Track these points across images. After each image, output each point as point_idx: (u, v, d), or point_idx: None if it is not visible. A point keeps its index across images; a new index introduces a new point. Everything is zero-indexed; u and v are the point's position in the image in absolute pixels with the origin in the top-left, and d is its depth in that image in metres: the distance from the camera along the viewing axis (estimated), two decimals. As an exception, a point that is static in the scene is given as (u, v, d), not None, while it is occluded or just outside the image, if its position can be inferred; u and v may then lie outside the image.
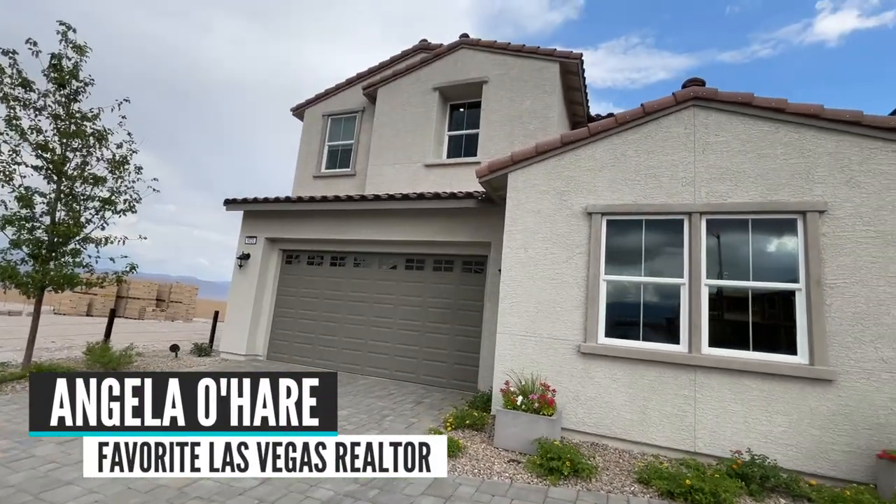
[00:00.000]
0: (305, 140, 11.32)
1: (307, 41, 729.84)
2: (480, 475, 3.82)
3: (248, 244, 9.44)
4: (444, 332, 7.87)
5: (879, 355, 4.07)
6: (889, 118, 4.35)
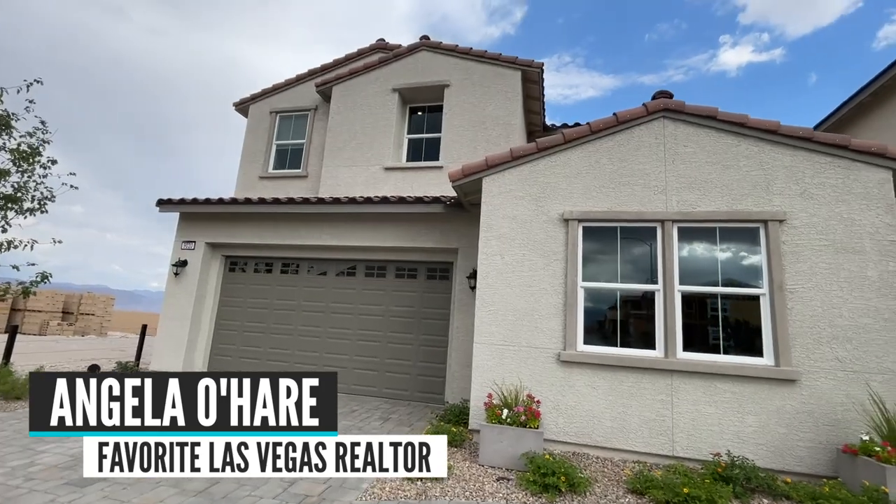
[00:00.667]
0: (250, 138, 10.49)
1: (235, 37, 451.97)
2: (472, 497, 3.56)
3: (185, 249, 8.49)
4: (408, 342, 7.53)
5: (835, 355, 4.37)
6: (836, 136, 4.74)
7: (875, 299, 4.37)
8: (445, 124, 8.82)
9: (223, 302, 8.62)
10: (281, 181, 10.01)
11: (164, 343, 8.15)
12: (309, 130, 10.13)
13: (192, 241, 8.50)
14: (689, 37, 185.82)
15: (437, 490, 3.66)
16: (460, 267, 7.10)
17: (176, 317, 8.21)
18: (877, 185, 4.58)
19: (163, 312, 8.33)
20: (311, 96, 10.29)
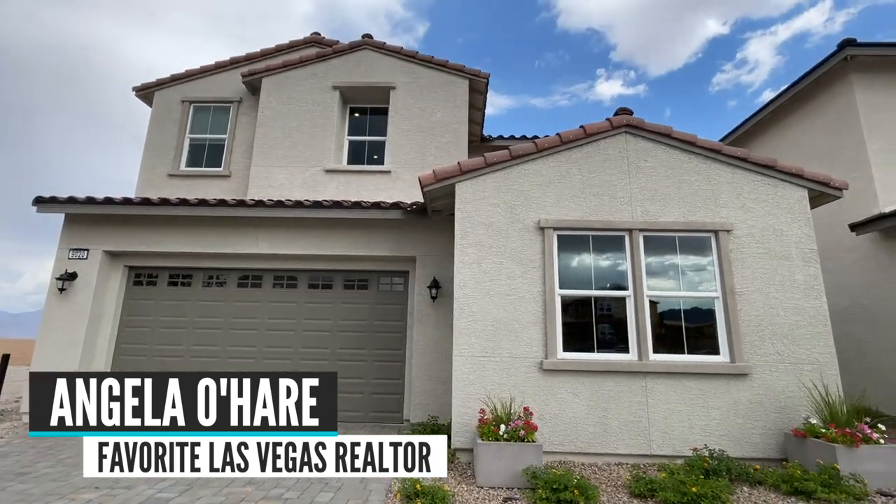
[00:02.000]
0: (156, 129, 9.03)
1: (95, 15, 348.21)
2: (491, 525, 3.31)
3: (74, 259, 6.92)
4: (360, 358, 6.97)
5: (776, 349, 4.95)
6: (765, 157, 5.45)
7: (802, 300, 5.07)
8: (392, 128, 8.47)
9: (126, 322, 7.17)
10: (197, 180, 8.74)
11: (44, 376, 6.49)
12: (232, 125, 9.02)
13: (85, 250, 6.96)
14: (571, 67, 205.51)
15: (449, 522, 3.33)
16: (419, 276, 6.78)
17: (61, 342, 6.61)
18: (797, 202, 5.35)
19: (41, 337, 6.66)
20: (233, 87, 9.19)
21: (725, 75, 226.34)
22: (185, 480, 4.16)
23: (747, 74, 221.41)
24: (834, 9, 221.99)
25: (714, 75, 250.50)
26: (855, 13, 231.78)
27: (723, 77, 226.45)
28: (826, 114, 8.55)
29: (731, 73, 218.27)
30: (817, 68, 8.30)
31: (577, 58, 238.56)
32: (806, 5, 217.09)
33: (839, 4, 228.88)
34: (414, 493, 3.68)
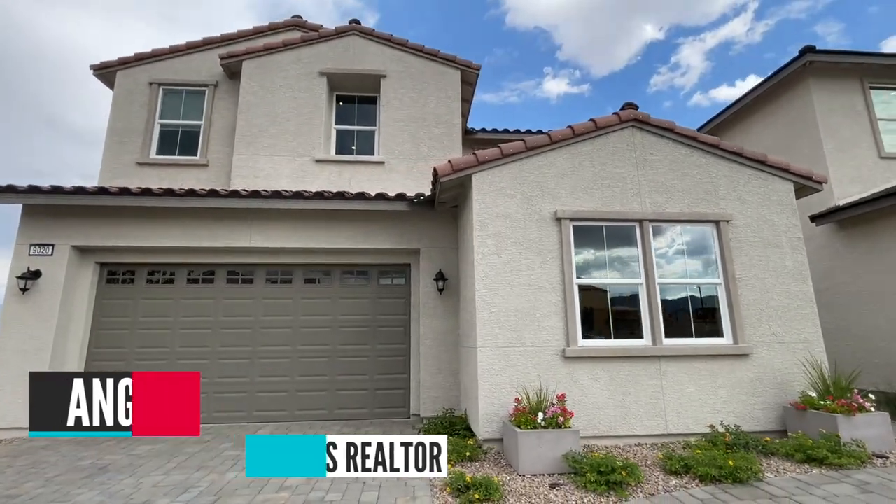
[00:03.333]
0: (121, 113, 8.24)
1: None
2: (551, 511, 3.35)
3: (36, 255, 6.19)
4: (363, 354, 6.78)
5: (772, 330, 5.36)
6: (756, 152, 5.84)
7: (792, 284, 5.51)
8: (384, 117, 8.25)
9: (100, 324, 6.53)
10: (170, 169, 8.09)
11: (6, 387, 5.79)
12: (208, 110, 8.41)
13: (49, 245, 6.25)
14: (519, 64, 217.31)
15: (509, 511, 3.33)
16: (424, 269, 6.69)
17: (25, 349, 5.92)
18: (785, 194, 5.79)
19: (0, 345, 5.91)
20: (208, 69, 8.57)
21: (661, 77, 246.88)
22: (209, 490, 3.88)
23: (680, 77, 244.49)
24: (755, 20, 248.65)
25: (651, 77, 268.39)
26: (772, 24, 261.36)
27: (659, 79, 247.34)
28: (786, 114, 9.28)
29: (666, 76, 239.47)
30: (780, 72, 8.98)
31: (526, 55, 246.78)
32: (731, 15, 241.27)
33: (759, 16, 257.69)
34: (464, 485, 3.65)
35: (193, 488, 3.93)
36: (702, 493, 3.58)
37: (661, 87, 53.24)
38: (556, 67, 57.03)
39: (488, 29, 56.78)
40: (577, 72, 57.38)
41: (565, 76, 58.18)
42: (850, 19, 46.62)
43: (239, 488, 3.92)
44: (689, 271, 5.55)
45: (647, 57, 53.16)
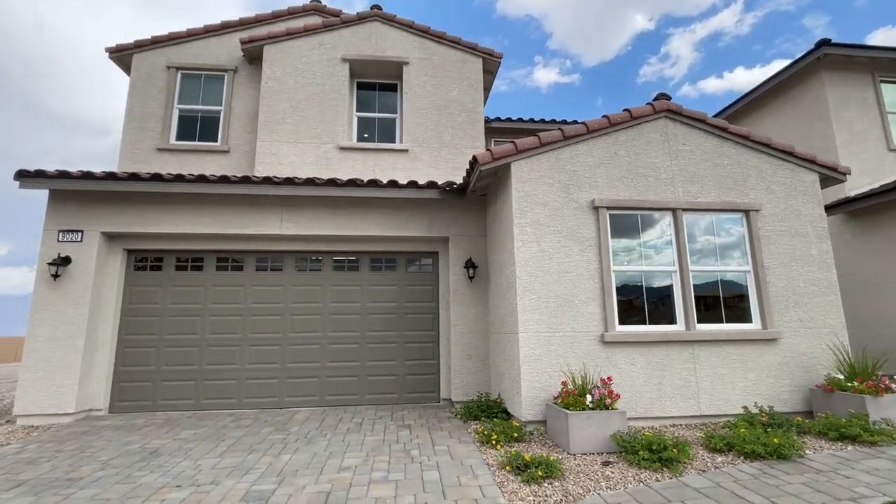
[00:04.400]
0: (137, 97, 8.11)
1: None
2: (615, 487, 3.49)
3: (65, 242, 6.13)
4: (392, 340, 6.87)
5: (798, 316, 5.56)
6: (784, 143, 5.99)
7: (817, 272, 5.70)
8: (407, 105, 8.23)
9: (129, 311, 6.51)
10: (190, 155, 8.01)
11: (39, 374, 5.78)
12: (227, 96, 8.31)
13: (78, 231, 6.18)
14: (510, 52, 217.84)
15: (569, 487, 3.47)
16: (453, 257, 6.76)
17: (58, 336, 5.89)
18: (811, 185, 5.96)
19: (31, 331, 5.88)
20: (227, 54, 8.45)
21: (651, 68, 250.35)
22: (270, 471, 3.96)
23: (669, 68, 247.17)
24: (743, 11, 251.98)
25: (641, 67, 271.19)
26: (760, 15, 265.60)
27: (649, 69, 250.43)
28: (798, 105, 9.46)
29: (655, 66, 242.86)
30: (794, 64, 9.13)
31: (516, 44, 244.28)
32: (720, 6, 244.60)
33: (748, 7, 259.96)
34: (524, 464, 3.78)
35: (254, 469, 4.01)
36: (751, 469, 3.76)
37: (650, 78, 53.58)
38: (546, 56, 56.88)
39: (479, 16, 56.33)
40: (567, 61, 57.34)
41: (556, 65, 58.08)
42: (836, 12, 47.24)
43: (299, 469, 4.01)
44: (719, 259, 5.70)
45: (638, 47, 53.34)
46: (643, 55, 64.52)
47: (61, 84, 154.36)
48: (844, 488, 3.32)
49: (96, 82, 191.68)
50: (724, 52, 67.67)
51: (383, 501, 3.32)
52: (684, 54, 55.40)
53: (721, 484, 3.50)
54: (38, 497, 3.51)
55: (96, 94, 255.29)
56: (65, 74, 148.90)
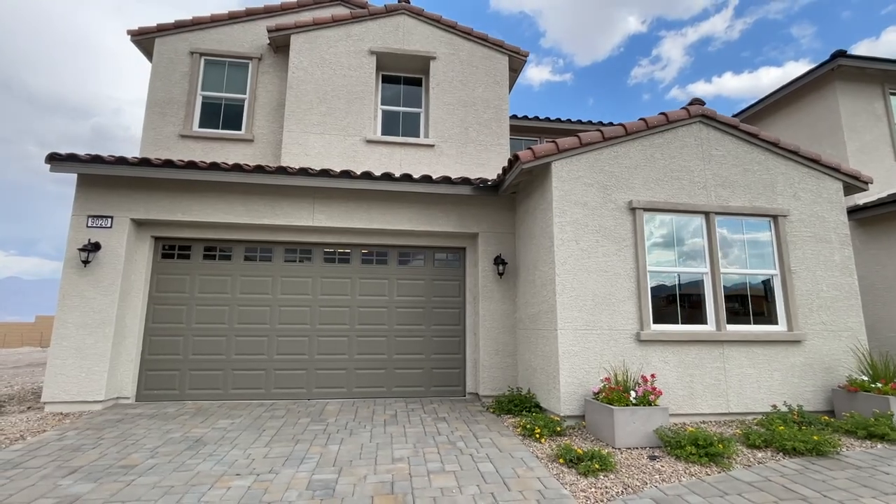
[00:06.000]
0: (161, 83, 7.98)
1: None
2: (668, 480, 3.62)
3: (94, 227, 6.04)
4: (419, 334, 6.93)
5: (821, 319, 5.76)
6: (811, 151, 6.17)
7: (839, 277, 5.91)
8: (434, 100, 8.24)
9: (157, 299, 6.45)
10: (213, 143, 7.92)
11: (69, 361, 5.71)
12: (252, 84, 8.22)
13: (108, 217, 6.10)
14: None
15: (626, 480, 3.59)
16: (482, 253, 6.83)
17: (87, 323, 5.82)
18: (835, 192, 6.15)
19: (60, 317, 5.80)
20: (250, 41, 8.35)
21: (642, 69, 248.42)
22: (325, 461, 4.00)
23: (660, 71, 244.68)
24: (734, 17, 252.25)
25: (633, 69, 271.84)
26: (750, 22, 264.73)
27: (640, 71, 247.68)
28: (811, 114, 9.70)
29: (646, 68, 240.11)
30: (810, 73, 9.35)
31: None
32: (712, 11, 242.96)
33: (738, 13, 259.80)
34: (576, 457, 3.88)
35: (307, 459, 4.05)
36: (793, 465, 3.92)
37: (640, 80, 54.37)
38: (539, 54, 57.36)
39: (471, 11, 56.45)
40: (560, 60, 57.88)
41: (548, 64, 58.75)
42: (823, 23, 48.39)
43: (352, 459, 4.05)
44: (748, 262, 5.87)
45: (630, 49, 54.20)
46: (635, 57, 65.52)
47: (40, 60, 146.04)
48: (888, 483, 3.50)
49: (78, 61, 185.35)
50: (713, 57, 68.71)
51: (449, 492, 3.40)
52: (675, 57, 56.81)
53: (769, 478, 3.65)
54: (98, 483, 3.51)
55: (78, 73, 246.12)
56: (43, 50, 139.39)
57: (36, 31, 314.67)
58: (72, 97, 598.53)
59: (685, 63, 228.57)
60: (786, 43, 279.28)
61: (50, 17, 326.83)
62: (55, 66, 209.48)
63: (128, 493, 3.33)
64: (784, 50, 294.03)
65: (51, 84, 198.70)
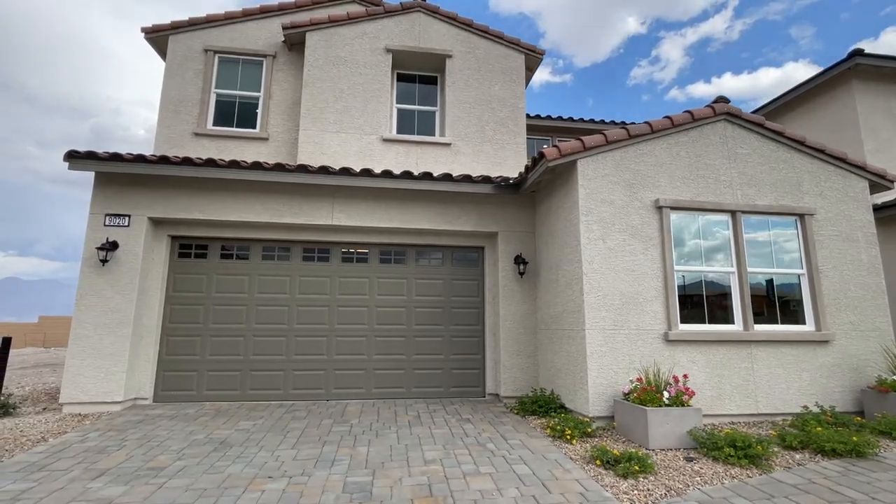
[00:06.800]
0: (173, 81, 7.90)
1: None
2: (711, 482, 3.55)
3: (112, 226, 5.97)
4: (438, 334, 6.85)
5: (849, 319, 5.69)
6: (837, 150, 6.10)
7: (867, 276, 5.84)
8: (450, 98, 8.17)
9: (174, 299, 6.38)
10: (227, 141, 7.85)
11: (87, 362, 5.63)
12: (266, 82, 8.15)
13: (125, 216, 6.03)
14: None
15: (667, 482, 3.52)
16: (502, 252, 6.76)
17: (105, 323, 5.74)
18: (861, 191, 6.09)
19: (78, 317, 5.72)
20: (265, 39, 8.28)
21: (641, 70, 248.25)
22: (356, 463, 3.93)
23: (659, 71, 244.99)
24: (734, 17, 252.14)
25: (632, 69, 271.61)
26: (750, 23, 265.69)
27: (639, 72, 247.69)
28: (826, 112, 9.64)
29: (646, 69, 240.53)
30: (827, 71, 9.30)
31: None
32: (712, 12, 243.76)
33: (738, 13, 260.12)
34: (613, 459, 3.81)
35: (338, 461, 3.97)
36: (834, 466, 3.85)
37: (640, 81, 54.47)
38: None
39: (470, 11, 56.34)
40: (560, 61, 58.17)
41: (548, 65, 58.65)
42: (822, 24, 48.37)
43: (384, 461, 3.98)
44: (774, 261, 5.80)
45: (629, 50, 54.20)
46: (634, 58, 65.49)
47: (38, 60, 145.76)
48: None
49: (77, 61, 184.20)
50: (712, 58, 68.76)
51: (489, 494, 3.33)
52: (674, 58, 56.71)
53: (813, 480, 3.58)
54: (130, 486, 3.43)
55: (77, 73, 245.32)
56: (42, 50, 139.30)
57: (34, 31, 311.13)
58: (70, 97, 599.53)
59: (684, 64, 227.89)
60: (785, 44, 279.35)
61: (48, 17, 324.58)
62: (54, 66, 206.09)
63: (161, 497, 3.25)
64: (783, 51, 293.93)
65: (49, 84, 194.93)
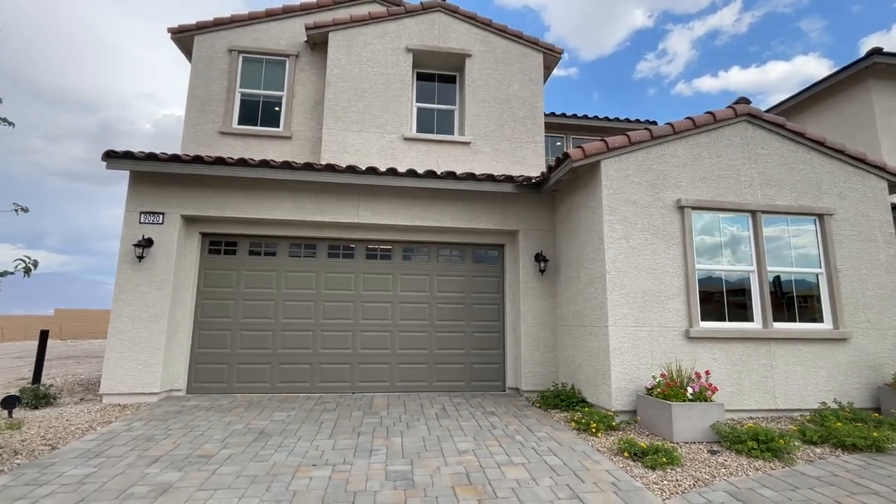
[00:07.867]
0: (199, 80, 8.06)
1: None
2: (736, 474, 3.70)
3: (146, 224, 6.17)
4: (459, 329, 7.03)
5: (867, 318, 5.80)
6: (857, 150, 6.18)
7: (885, 276, 5.94)
8: (470, 97, 8.29)
9: (205, 294, 6.58)
10: (253, 140, 8.01)
11: (125, 355, 5.85)
12: (289, 82, 8.29)
13: (160, 213, 6.22)
14: None
15: (694, 473, 3.68)
16: (523, 250, 6.90)
17: (142, 317, 5.96)
18: (880, 191, 6.17)
19: (117, 311, 5.94)
20: (287, 39, 8.41)
21: (648, 63, 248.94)
22: (393, 453, 4.11)
23: (666, 65, 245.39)
24: (742, 10, 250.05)
25: (638, 63, 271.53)
26: (759, 16, 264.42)
27: (646, 65, 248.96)
28: (842, 112, 9.65)
29: (652, 63, 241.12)
30: (843, 70, 9.31)
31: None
32: (720, 4, 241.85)
33: (746, 6, 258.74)
34: (641, 451, 3.97)
35: (375, 451, 4.16)
36: (855, 460, 3.99)
37: (646, 74, 54.18)
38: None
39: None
40: (565, 55, 57.43)
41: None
42: (832, 16, 47.79)
43: (419, 451, 4.16)
44: (794, 261, 5.91)
45: (636, 43, 53.96)
46: (641, 51, 65.32)
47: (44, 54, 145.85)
48: (956, 479, 3.57)
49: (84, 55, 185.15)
50: (720, 52, 68.32)
51: (525, 483, 3.50)
52: (681, 51, 56.57)
53: (835, 473, 3.73)
54: (184, 472, 3.63)
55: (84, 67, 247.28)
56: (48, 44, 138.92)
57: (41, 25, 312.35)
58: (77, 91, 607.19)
59: (692, 57, 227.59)
60: (795, 37, 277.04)
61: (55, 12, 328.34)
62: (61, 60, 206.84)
63: (217, 482, 3.45)
64: (793, 44, 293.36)
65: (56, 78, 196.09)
